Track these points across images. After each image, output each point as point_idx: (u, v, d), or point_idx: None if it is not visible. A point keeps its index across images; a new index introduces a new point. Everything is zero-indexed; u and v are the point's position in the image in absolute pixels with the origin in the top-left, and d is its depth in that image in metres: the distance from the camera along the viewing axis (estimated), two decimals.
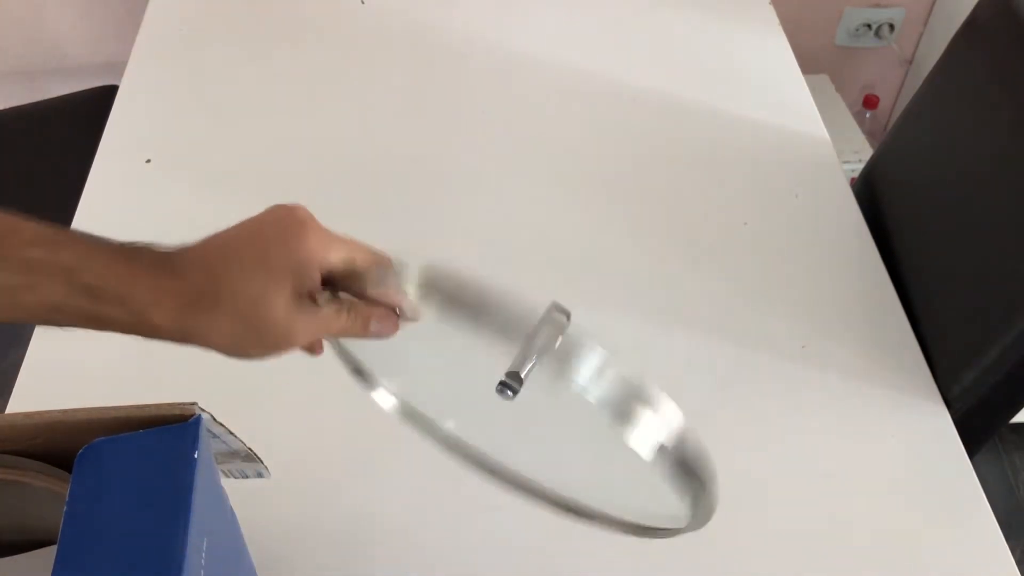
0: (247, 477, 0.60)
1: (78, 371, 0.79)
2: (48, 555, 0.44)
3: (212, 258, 0.47)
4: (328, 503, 0.73)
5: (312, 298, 0.47)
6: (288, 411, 0.80)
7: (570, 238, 0.95)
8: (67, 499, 0.40)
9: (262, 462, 0.57)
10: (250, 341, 0.46)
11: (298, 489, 0.73)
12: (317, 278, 0.47)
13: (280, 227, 0.48)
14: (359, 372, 0.58)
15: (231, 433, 0.52)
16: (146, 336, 0.46)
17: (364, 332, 0.50)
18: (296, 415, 0.79)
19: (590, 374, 0.44)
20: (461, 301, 0.49)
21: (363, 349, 0.56)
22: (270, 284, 0.46)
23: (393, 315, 0.50)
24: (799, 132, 1.08)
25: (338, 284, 0.49)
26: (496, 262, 0.92)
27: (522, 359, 0.45)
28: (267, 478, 0.60)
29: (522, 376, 0.45)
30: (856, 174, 1.36)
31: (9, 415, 0.45)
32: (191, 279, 0.46)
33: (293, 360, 0.61)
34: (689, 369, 0.84)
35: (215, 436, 0.51)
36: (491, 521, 0.73)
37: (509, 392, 0.45)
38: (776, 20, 1.24)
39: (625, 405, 0.44)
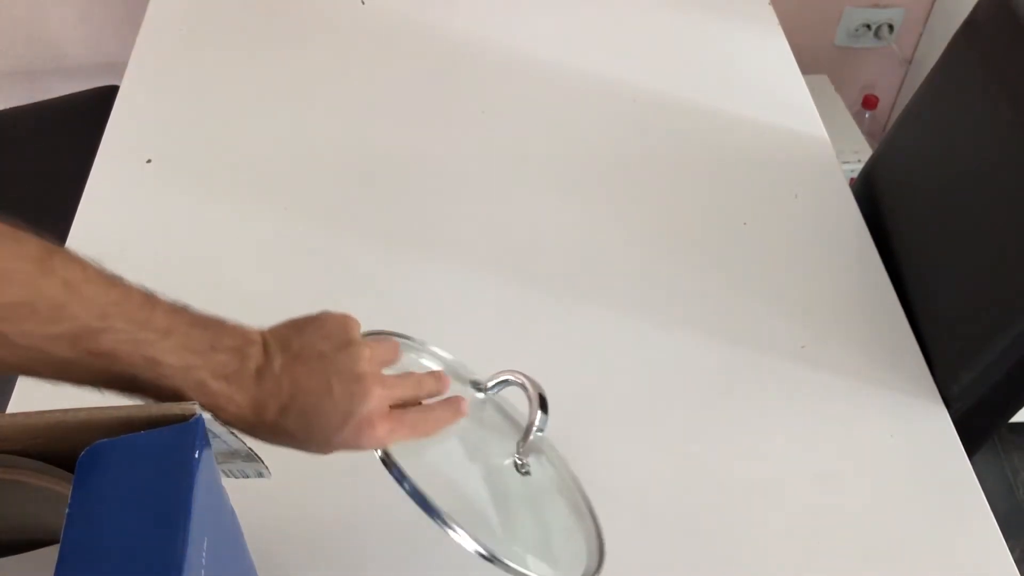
0: (248, 477, 0.60)
1: None
2: (48, 555, 0.44)
3: (285, 400, 0.53)
4: (329, 502, 0.73)
5: None
6: None
7: (570, 238, 0.95)
8: (69, 501, 0.40)
9: (263, 461, 0.57)
10: (323, 448, 0.55)
11: (299, 488, 0.73)
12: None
13: (347, 408, 0.54)
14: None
15: (232, 432, 0.52)
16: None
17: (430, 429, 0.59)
18: None
19: None
20: None
21: None
22: (324, 449, 0.56)
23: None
24: (798, 132, 1.08)
25: None
26: (496, 262, 0.92)
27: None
28: (268, 478, 0.60)
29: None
30: (855, 174, 1.36)
31: (9, 415, 0.45)
32: (263, 410, 0.52)
33: None
34: (688, 369, 0.84)
35: (216, 436, 0.51)
36: None
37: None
38: (776, 20, 1.24)
39: None
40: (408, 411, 0.57)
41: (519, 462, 0.63)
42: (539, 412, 0.62)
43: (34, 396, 0.78)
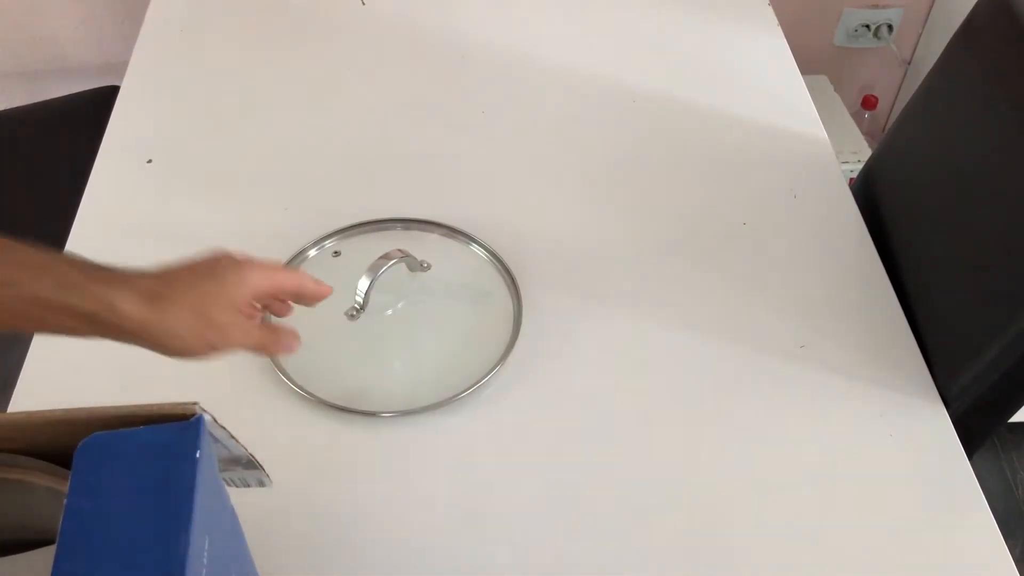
0: (248, 486, 0.59)
1: (78, 371, 0.80)
2: (49, 554, 0.44)
3: (171, 271, 0.59)
4: (330, 501, 0.74)
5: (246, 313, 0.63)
6: (291, 414, 0.80)
7: (569, 238, 0.95)
8: (67, 493, 0.40)
9: (264, 470, 0.57)
10: (196, 334, 0.58)
11: (299, 487, 0.74)
12: (247, 295, 0.62)
13: (220, 261, 0.61)
14: None
15: (232, 437, 0.52)
16: (108, 331, 0.55)
17: (275, 347, 0.67)
18: (298, 418, 0.80)
19: None
20: None
21: None
22: (217, 287, 0.60)
23: (296, 337, 0.68)
24: (798, 132, 1.08)
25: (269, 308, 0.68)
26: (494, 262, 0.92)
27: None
28: (269, 487, 0.59)
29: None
30: (855, 174, 1.36)
31: (10, 414, 0.45)
32: (153, 281, 0.58)
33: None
34: (687, 369, 0.84)
35: (217, 440, 0.51)
36: (492, 525, 0.73)
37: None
38: (775, 20, 1.24)
39: None
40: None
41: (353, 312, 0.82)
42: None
43: (34, 396, 0.78)
